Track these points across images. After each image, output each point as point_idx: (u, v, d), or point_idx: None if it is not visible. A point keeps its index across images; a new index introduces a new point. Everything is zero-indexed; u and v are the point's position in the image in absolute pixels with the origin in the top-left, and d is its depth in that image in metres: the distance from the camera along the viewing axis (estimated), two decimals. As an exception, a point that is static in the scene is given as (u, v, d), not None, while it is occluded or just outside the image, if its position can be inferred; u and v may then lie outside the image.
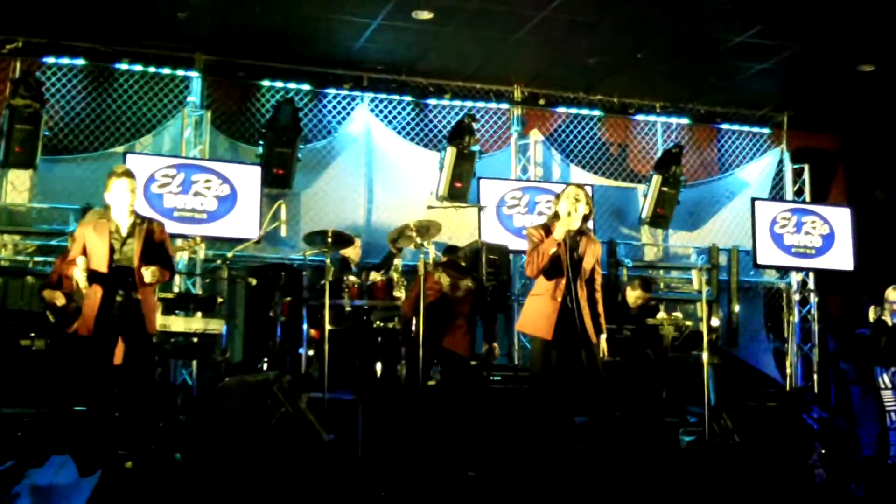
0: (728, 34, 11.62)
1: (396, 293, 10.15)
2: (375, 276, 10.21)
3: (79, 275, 7.27)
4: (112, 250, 7.42)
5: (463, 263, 9.82)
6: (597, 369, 7.72)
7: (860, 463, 9.96)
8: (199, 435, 8.13)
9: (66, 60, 11.99)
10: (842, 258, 14.20)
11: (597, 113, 14.17)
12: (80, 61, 12.03)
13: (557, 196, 7.93)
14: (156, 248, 7.60)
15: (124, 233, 7.49)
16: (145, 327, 7.50)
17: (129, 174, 7.61)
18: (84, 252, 7.41)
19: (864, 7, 10.73)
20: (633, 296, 11.54)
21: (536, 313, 7.72)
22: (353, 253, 10.88)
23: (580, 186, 7.94)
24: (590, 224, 8.19)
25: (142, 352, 7.53)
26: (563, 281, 7.63)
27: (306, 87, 12.93)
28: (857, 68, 12.65)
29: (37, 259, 11.46)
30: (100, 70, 12.22)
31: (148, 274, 7.40)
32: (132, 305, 7.44)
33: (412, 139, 13.40)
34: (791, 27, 11.34)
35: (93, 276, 7.31)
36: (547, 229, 7.78)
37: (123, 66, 12.21)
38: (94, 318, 7.35)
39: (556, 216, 7.83)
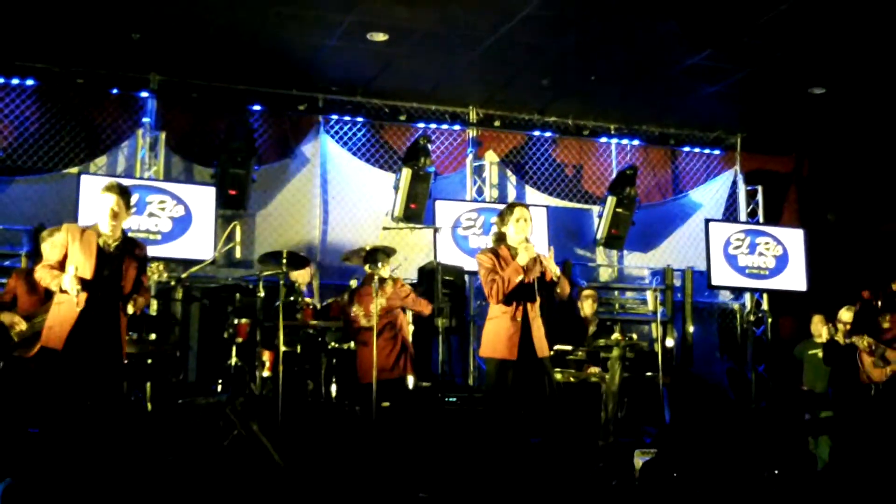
0: (679, 57, 11.72)
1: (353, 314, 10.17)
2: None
3: (68, 283, 7.03)
4: (98, 265, 7.27)
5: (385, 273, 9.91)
6: (551, 389, 7.79)
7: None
8: (152, 457, 8.06)
9: (19, 81, 11.90)
10: (795, 279, 14.32)
11: (551, 134, 14.23)
12: (34, 82, 11.95)
13: (500, 216, 8.01)
14: (138, 272, 7.53)
15: (111, 250, 7.37)
16: (121, 351, 7.41)
17: (114, 190, 7.38)
18: (63, 261, 7.25)
19: (814, 31, 10.86)
20: (588, 304, 11.65)
21: (498, 335, 7.77)
22: (300, 276, 10.80)
23: (524, 206, 8.01)
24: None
25: (114, 376, 7.42)
26: (521, 302, 7.73)
27: (261, 107, 12.90)
28: (809, 91, 12.78)
29: (-11, 280, 11.36)
30: (53, 90, 12.13)
31: (134, 306, 7.31)
32: (111, 325, 7.33)
33: (367, 160, 13.41)
34: (741, 50, 11.45)
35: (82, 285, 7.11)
36: (495, 253, 7.87)
37: (77, 87, 12.12)
38: (70, 329, 7.13)
39: (501, 237, 7.93)
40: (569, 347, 10.68)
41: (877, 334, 10.04)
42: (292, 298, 10.10)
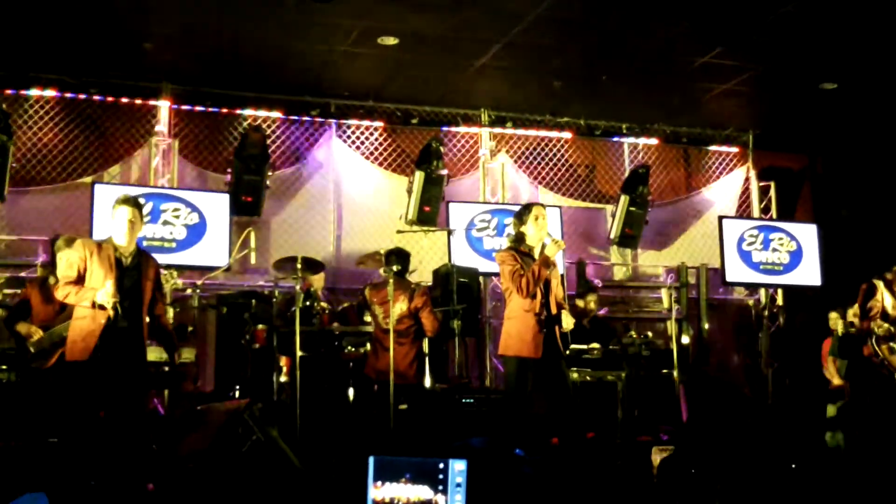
0: (690, 56, 11.71)
1: (367, 318, 10.20)
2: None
3: (105, 297, 7.07)
4: (118, 278, 7.29)
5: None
6: (567, 389, 7.82)
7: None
8: (171, 465, 8.10)
9: (33, 92, 11.97)
10: (810, 274, 14.31)
11: (564, 135, 14.25)
12: (48, 93, 12.02)
13: (518, 216, 8.03)
14: (155, 282, 7.60)
15: (125, 263, 7.41)
16: (146, 361, 7.51)
17: (129, 202, 7.44)
18: (81, 276, 7.29)
19: (824, 26, 10.85)
20: (591, 300, 11.68)
21: (521, 334, 7.77)
22: (315, 281, 10.82)
23: (540, 204, 8.08)
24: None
25: (140, 384, 7.51)
26: (542, 299, 7.76)
27: (274, 114, 12.95)
28: (820, 87, 12.77)
29: (6, 291, 11.41)
30: (67, 101, 12.19)
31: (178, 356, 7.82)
32: (135, 337, 7.39)
33: (380, 164, 13.43)
34: (751, 48, 11.45)
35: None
36: (515, 250, 7.89)
37: (91, 97, 12.19)
38: (93, 346, 7.19)
39: (519, 237, 7.95)
40: (584, 346, 10.72)
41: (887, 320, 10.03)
42: (308, 304, 10.13)
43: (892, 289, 10.04)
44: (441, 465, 4.96)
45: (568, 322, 7.93)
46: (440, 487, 4.94)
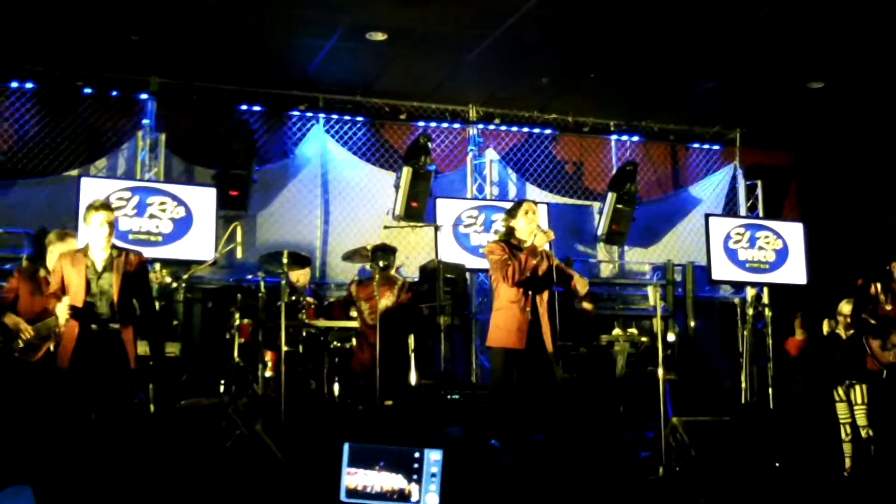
0: (677, 54, 11.72)
1: (353, 313, 10.19)
2: None
3: (61, 310, 7.29)
4: (88, 284, 7.42)
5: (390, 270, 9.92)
6: (555, 384, 7.82)
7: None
8: (155, 459, 8.09)
9: (19, 84, 11.93)
10: (795, 272, 14.32)
11: (551, 131, 14.25)
12: (34, 85, 11.97)
13: (508, 212, 8.05)
14: (133, 280, 7.62)
15: (99, 266, 7.50)
16: (127, 360, 7.52)
17: (105, 207, 7.60)
18: (61, 288, 7.43)
19: (810, 25, 10.87)
20: (589, 306, 11.70)
21: (507, 324, 7.78)
22: (300, 276, 10.80)
23: (530, 201, 8.13)
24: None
25: (120, 384, 7.53)
26: (530, 292, 7.77)
27: (261, 108, 12.93)
28: (807, 85, 12.80)
29: (-8, 284, 11.38)
30: (53, 93, 12.15)
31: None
32: (110, 337, 7.44)
33: (368, 160, 13.42)
34: (738, 46, 11.46)
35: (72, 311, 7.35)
36: (507, 244, 7.91)
37: (77, 90, 12.14)
38: (70, 352, 7.34)
39: (510, 232, 7.97)
40: (570, 343, 10.73)
41: (877, 317, 10.02)
42: (294, 298, 10.11)
43: (888, 285, 10.06)
44: (416, 455, 4.94)
45: (582, 285, 7.93)
46: (414, 477, 4.92)
